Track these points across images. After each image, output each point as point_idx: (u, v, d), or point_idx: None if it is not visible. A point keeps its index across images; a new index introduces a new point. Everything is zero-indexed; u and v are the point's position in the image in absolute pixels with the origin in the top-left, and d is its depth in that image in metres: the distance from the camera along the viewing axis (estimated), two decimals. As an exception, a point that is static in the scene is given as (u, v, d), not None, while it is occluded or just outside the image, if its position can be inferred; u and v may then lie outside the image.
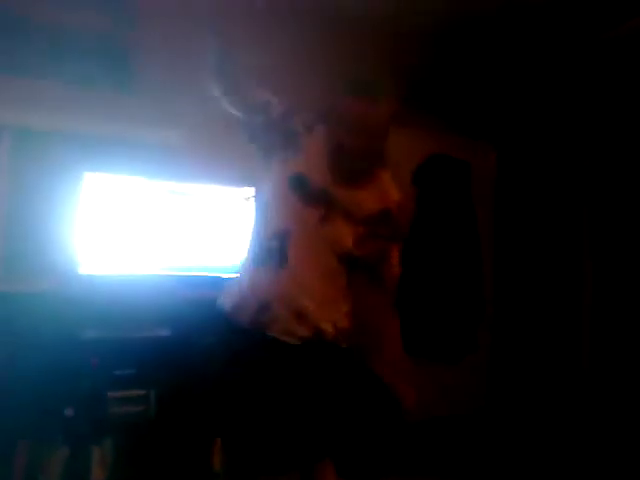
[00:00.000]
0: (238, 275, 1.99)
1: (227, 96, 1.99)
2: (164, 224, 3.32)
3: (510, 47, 4.02)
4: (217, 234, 3.43)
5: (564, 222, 3.99)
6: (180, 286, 3.28)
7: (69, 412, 2.92)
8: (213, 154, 3.48)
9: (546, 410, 3.95)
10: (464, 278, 4.14)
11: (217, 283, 3.35)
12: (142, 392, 3.05)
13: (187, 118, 3.47)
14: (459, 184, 4.06)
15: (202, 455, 3.16)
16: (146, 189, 3.29)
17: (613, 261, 3.76)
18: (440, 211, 4.01)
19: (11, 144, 3.17)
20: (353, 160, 1.86)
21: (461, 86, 4.28)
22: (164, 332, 3.13)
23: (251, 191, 3.50)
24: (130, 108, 3.37)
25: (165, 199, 3.33)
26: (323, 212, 1.88)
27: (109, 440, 2.99)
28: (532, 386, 4.10)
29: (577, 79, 3.80)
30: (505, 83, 4.23)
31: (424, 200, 3.92)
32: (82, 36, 3.31)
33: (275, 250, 1.86)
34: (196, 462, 3.14)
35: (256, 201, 2.04)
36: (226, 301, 1.94)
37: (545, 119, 4.06)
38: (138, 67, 3.44)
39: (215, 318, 1.94)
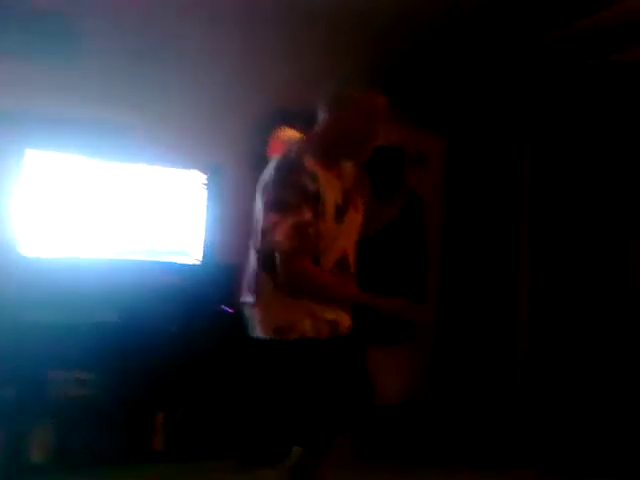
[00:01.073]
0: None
1: None
2: (112, 206, 3.25)
3: (459, 40, 4.09)
4: (167, 218, 3.40)
5: (505, 211, 4.19)
6: (130, 271, 3.24)
7: (9, 393, 2.87)
8: (164, 135, 3.42)
9: (485, 394, 4.18)
10: (406, 263, 4.25)
11: (168, 268, 3.37)
12: (85, 375, 3.04)
13: (138, 96, 3.39)
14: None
15: (143, 437, 3.18)
16: (93, 169, 3.20)
17: (549, 250, 4.02)
18: (386, 200, 4.09)
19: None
20: (357, 144, 2.00)
21: (411, 76, 4.32)
22: (112, 317, 3.10)
23: (202, 175, 3.48)
24: (76, 83, 3.25)
25: (113, 180, 3.25)
26: (359, 206, 2.09)
27: (50, 422, 2.97)
28: (472, 371, 4.30)
29: (521, 74, 3.94)
30: (456, 74, 4.31)
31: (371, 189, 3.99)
32: (22, 5, 3.13)
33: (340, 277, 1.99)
34: (137, 444, 3.16)
35: None
36: (293, 334, 1.93)
37: (492, 112, 4.19)
38: (85, 39, 3.28)
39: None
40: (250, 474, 3.08)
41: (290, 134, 3.89)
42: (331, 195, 1.93)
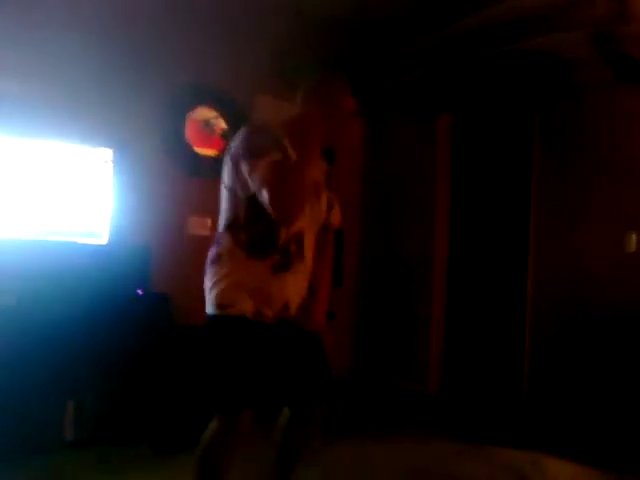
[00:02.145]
0: (233, 272, 1.95)
1: None
2: (11, 183, 3.08)
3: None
4: (71, 197, 3.26)
5: (421, 197, 4.37)
6: (30, 251, 3.08)
7: None
8: (69, 110, 3.28)
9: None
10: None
11: (73, 249, 3.22)
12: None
13: (41, 68, 3.23)
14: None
15: (53, 426, 3.05)
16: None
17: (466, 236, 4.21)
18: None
19: None
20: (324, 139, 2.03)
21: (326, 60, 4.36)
22: (10, 300, 2.94)
23: (109, 152, 3.35)
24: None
25: (15, 156, 3.08)
26: (323, 201, 2.14)
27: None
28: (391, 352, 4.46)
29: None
30: (374, 60, 4.40)
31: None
32: None
33: (294, 253, 2.00)
34: (47, 433, 3.02)
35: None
36: (242, 308, 1.93)
37: (407, 94, 4.32)
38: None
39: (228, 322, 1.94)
40: (164, 461, 3.02)
41: (204, 113, 3.85)
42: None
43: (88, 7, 3.37)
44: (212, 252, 2.02)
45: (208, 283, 1.98)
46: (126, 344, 3.18)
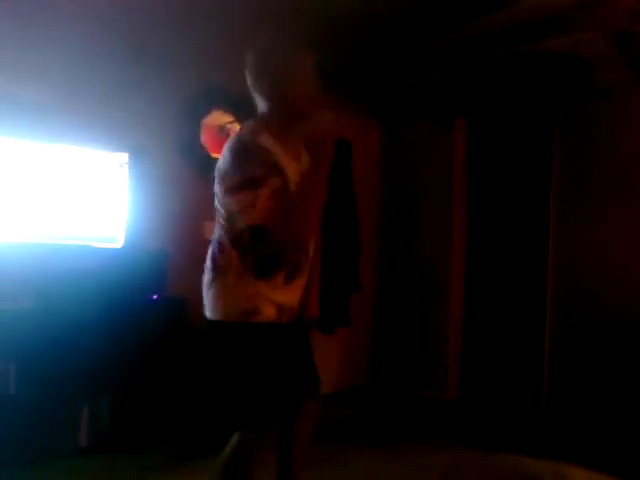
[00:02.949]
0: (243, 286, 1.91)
1: None
2: (27, 188, 3.08)
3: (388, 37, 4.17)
4: (87, 201, 3.26)
5: (438, 201, 4.31)
6: (47, 255, 3.08)
7: None
8: (86, 114, 3.27)
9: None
10: (339, 249, 4.25)
11: (86, 253, 3.23)
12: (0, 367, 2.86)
13: (57, 72, 3.23)
14: (338, 162, 4.15)
15: (67, 432, 3.04)
16: (8, 148, 3.02)
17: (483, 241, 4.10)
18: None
19: None
20: (302, 102, 1.98)
21: (343, 62, 4.34)
22: (27, 303, 2.94)
23: (124, 157, 3.36)
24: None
25: (30, 161, 3.09)
26: None
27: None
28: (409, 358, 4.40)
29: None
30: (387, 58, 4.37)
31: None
32: None
33: (302, 262, 1.98)
34: (61, 439, 3.01)
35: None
36: (267, 313, 1.91)
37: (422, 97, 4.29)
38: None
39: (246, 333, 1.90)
40: (180, 467, 3.00)
41: (219, 118, 3.85)
42: (290, 171, 1.92)
43: (104, 13, 3.37)
44: (217, 256, 1.97)
45: (214, 289, 1.93)
46: (142, 349, 3.17)
